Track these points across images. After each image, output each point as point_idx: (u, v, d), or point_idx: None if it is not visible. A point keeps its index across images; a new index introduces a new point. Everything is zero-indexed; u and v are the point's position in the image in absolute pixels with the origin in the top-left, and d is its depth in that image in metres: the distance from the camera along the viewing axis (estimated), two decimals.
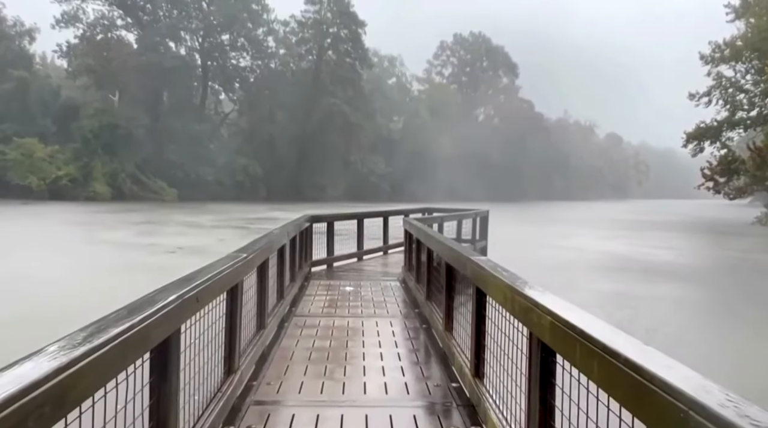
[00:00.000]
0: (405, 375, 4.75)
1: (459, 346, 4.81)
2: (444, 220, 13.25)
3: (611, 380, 1.89)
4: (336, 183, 74.03)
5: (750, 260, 24.27)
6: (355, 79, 78.69)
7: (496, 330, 3.71)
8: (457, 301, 5.28)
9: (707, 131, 49.03)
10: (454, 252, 5.13)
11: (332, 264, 11.52)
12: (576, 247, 26.55)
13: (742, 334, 11.60)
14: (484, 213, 16.40)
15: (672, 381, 1.53)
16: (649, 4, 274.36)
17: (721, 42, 47.99)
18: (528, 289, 2.98)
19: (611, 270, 20.00)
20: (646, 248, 26.81)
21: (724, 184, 42.28)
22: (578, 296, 12.24)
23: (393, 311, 7.43)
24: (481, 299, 4.08)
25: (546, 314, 2.56)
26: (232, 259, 3.92)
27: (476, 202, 47.29)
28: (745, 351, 10.23)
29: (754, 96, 47.37)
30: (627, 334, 2.03)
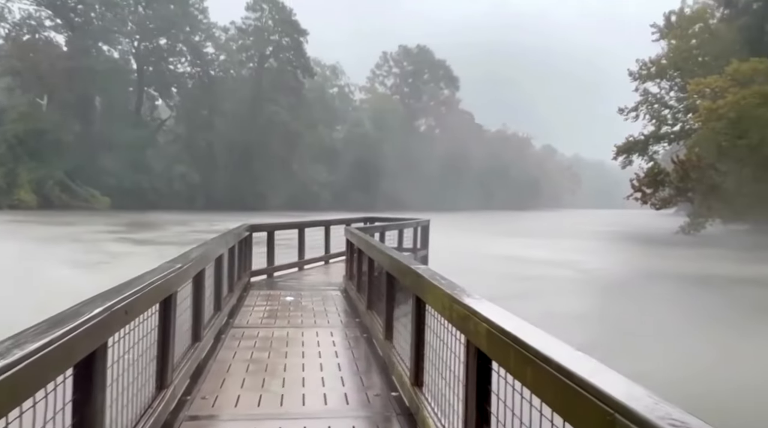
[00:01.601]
0: (345, 385, 4.71)
1: (399, 355, 4.82)
2: (386, 229, 13.30)
3: (543, 385, 1.93)
4: (277, 192, 73.13)
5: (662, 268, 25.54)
6: (297, 87, 78.25)
7: (435, 339, 3.73)
8: (398, 310, 5.30)
9: (635, 144, 51.50)
10: (395, 261, 5.14)
11: (273, 274, 11.34)
12: (515, 256, 27.31)
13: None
14: (425, 223, 16.57)
15: (600, 386, 1.57)
16: (590, 23, 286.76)
17: (647, 60, 50.67)
18: (465, 297, 3.01)
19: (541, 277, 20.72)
20: (574, 254, 28.02)
21: (651, 195, 44.35)
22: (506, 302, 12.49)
23: (334, 321, 7.37)
24: (420, 307, 4.10)
25: (482, 321, 2.60)
26: (165, 269, 3.79)
27: (418, 211, 47.75)
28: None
29: (678, 112, 50.13)
30: (559, 340, 2.07)
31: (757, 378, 8.70)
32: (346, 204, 71.48)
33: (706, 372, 9.02)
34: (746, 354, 10.53)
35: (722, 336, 11.97)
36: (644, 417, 1.37)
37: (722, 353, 10.48)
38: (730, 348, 10.98)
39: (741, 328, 12.70)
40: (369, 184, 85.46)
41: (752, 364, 9.54)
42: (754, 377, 8.76)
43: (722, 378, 8.61)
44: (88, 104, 66.27)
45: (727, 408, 6.91)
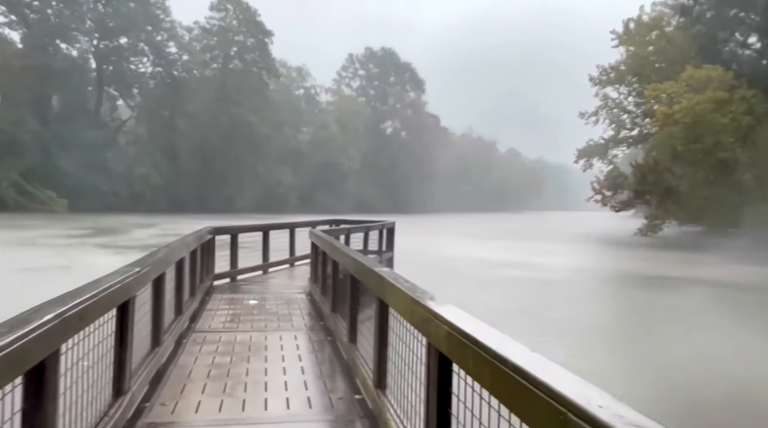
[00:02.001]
0: (308, 389, 4.69)
1: (363, 358, 4.82)
2: (351, 232, 13.27)
3: (500, 385, 1.96)
4: (243, 194, 72.29)
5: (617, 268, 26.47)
6: (262, 89, 77.55)
7: (398, 341, 3.75)
8: (362, 313, 5.30)
9: (596, 148, 52.84)
10: (359, 264, 5.15)
11: (236, 278, 11.19)
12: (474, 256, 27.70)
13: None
14: (390, 225, 16.60)
15: (553, 385, 1.60)
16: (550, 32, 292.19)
17: (607, 66, 51.93)
18: (427, 300, 3.03)
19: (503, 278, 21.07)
20: (535, 256, 28.67)
21: (610, 197, 45.50)
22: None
23: (298, 325, 7.33)
24: (383, 310, 4.11)
25: (443, 323, 2.62)
26: (123, 273, 3.70)
27: (384, 214, 47.81)
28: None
29: (636, 117, 51.51)
30: (516, 341, 2.11)
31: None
32: (312, 206, 71.12)
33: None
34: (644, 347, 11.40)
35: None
36: (594, 415, 1.41)
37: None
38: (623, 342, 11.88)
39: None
40: (335, 186, 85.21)
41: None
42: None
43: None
44: (44, 103, 64.25)
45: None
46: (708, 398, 8.38)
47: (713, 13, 44.28)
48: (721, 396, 8.36)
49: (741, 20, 43.54)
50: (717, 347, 10.91)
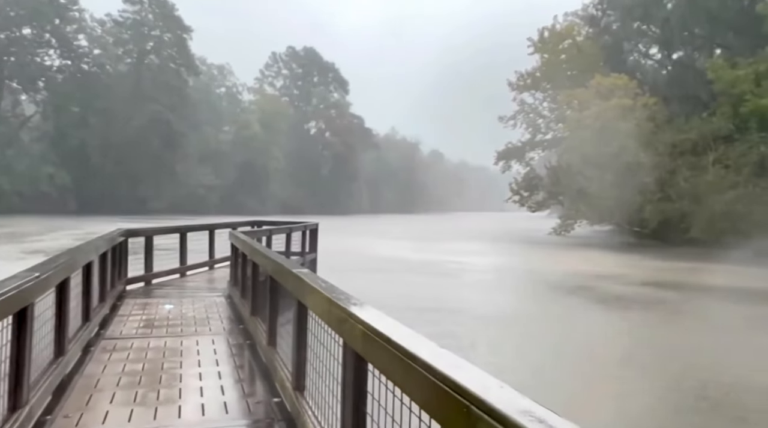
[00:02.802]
0: (225, 394, 4.58)
1: (282, 360, 4.77)
2: (273, 233, 13.07)
3: (411, 382, 2.00)
4: (160, 195, 69.52)
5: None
6: (181, 86, 74.92)
7: (316, 342, 3.74)
8: (282, 315, 5.24)
9: (513, 151, 54.90)
10: (278, 265, 5.08)
11: (151, 281, 10.75)
12: (398, 257, 28.10)
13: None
14: (313, 226, 16.48)
15: (458, 379, 1.66)
16: (476, 34, 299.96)
17: (524, 72, 54.10)
18: (344, 300, 3.04)
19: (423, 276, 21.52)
20: (455, 256, 29.54)
21: (527, 198, 47.43)
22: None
23: (216, 329, 7.14)
24: (302, 311, 4.08)
25: (358, 323, 2.64)
26: (21, 279, 3.47)
27: (309, 215, 47.46)
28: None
29: (550, 121, 54.01)
30: (426, 338, 2.16)
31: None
32: (234, 208, 69.47)
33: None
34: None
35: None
36: (494, 406, 1.47)
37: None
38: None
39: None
40: (258, 187, 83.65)
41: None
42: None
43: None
44: None
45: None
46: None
47: (619, 24, 47.14)
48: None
49: (643, 32, 46.60)
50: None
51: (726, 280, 21.89)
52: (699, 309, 17.11)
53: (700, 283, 21.71)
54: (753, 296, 18.71)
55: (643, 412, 8.13)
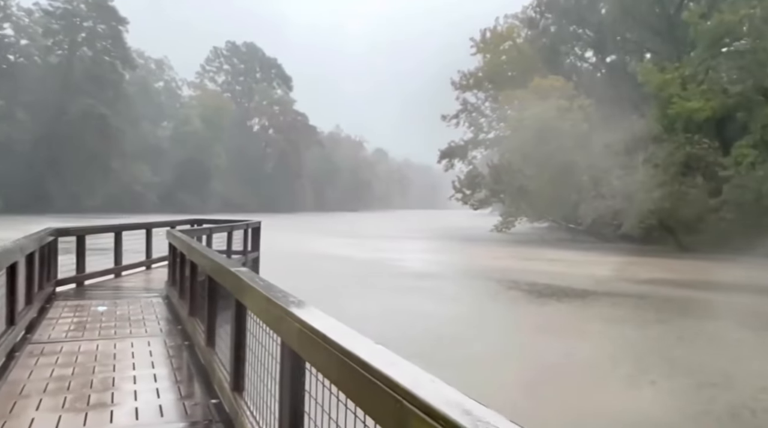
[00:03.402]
0: (161, 396, 4.46)
1: (220, 361, 4.68)
2: (213, 232, 12.77)
3: (346, 379, 2.01)
4: (94, 192, 66.75)
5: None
6: (116, 79, 72.19)
7: (255, 342, 3.69)
8: (221, 315, 5.15)
9: (456, 149, 55.66)
10: (216, 264, 4.98)
11: (84, 282, 10.31)
12: (341, 255, 28.13)
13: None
14: (255, 224, 16.22)
15: (391, 375, 1.68)
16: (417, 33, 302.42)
17: (466, 72, 54.97)
18: (281, 298, 3.01)
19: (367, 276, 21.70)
20: (399, 254, 29.89)
21: (470, 196, 48.28)
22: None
23: (153, 330, 6.92)
24: (240, 310, 4.02)
25: (295, 322, 2.62)
26: None
27: (252, 213, 46.89)
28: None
29: (492, 120, 55.09)
30: (362, 335, 2.18)
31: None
32: (174, 206, 67.58)
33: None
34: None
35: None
36: (425, 400, 1.49)
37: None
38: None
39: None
40: (199, 185, 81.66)
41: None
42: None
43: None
44: None
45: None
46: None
47: (556, 27, 48.65)
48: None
49: (579, 36, 48.28)
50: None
51: (629, 272, 23.97)
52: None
53: (593, 274, 23.29)
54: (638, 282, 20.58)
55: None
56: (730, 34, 35.76)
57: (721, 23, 34.05)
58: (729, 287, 20.08)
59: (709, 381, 9.44)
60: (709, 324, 14.43)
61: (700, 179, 33.54)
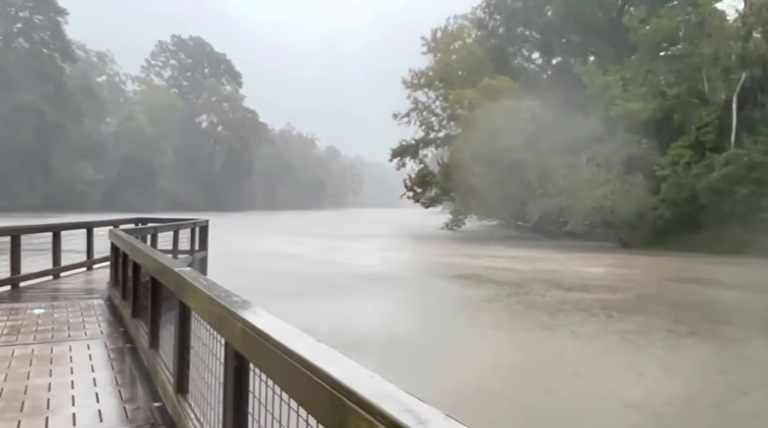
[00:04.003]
0: (100, 401, 4.31)
1: (164, 363, 4.58)
2: (158, 231, 12.44)
3: (289, 378, 2.00)
4: (32, 191, 63.95)
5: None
6: (55, 73, 69.37)
7: (199, 343, 3.62)
8: (164, 316, 5.03)
9: (408, 148, 55.98)
10: (159, 264, 4.86)
11: (18, 284, 9.85)
12: (290, 254, 27.94)
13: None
14: (203, 223, 15.90)
15: (331, 373, 1.68)
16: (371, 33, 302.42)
17: (417, 70, 55.32)
18: (225, 298, 2.97)
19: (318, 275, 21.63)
20: (350, 254, 30.00)
21: (421, 194, 48.67)
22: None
23: (93, 333, 6.69)
24: (184, 311, 3.94)
25: (238, 321, 2.59)
26: None
27: (200, 212, 45.97)
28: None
29: (443, 119, 55.62)
30: (305, 334, 2.17)
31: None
32: (118, 205, 65.41)
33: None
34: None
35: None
36: (364, 397, 1.50)
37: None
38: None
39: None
40: (145, 183, 79.35)
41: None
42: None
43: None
44: None
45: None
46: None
47: (504, 29, 49.59)
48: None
49: (526, 38, 49.40)
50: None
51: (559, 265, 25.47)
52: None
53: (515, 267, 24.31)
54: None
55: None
56: (668, 39, 37.37)
57: (659, 28, 35.51)
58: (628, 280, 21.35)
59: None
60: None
61: (640, 177, 34.84)
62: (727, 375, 9.69)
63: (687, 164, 33.21)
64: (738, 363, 10.59)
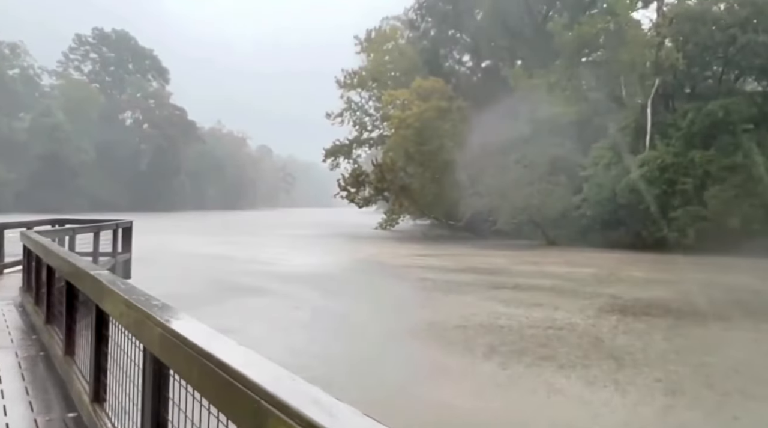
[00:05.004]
0: (8, 414, 4.05)
1: (80, 371, 4.36)
2: (77, 232, 11.86)
3: (207, 382, 1.94)
4: None
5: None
6: None
7: (116, 349, 3.47)
8: (81, 322, 4.78)
9: (341, 147, 55.91)
10: (74, 267, 4.61)
11: None
12: (220, 255, 27.31)
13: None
14: (126, 224, 15.25)
15: (249, 375, 1.64)
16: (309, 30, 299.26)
17: (351, 71, 55.32)
18: (143, 302, 2.85)
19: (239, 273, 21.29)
20: (278, 253, 29.69)
21: (355, 194, 48.65)
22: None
23: (2, 342, 6.27)
24: (100, 316, 3.77)
25: (156, 325, 2.50)
26: None
27: (125, 212, 44.13)
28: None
29: (376, 120, 55.90)
30: (224, 337, 2.11)
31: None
32: (33, 205, 61.68)
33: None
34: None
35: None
36: (282, 400, 1.47)
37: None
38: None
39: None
40: (63, 182, 75.32)
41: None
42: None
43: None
44: None
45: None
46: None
47: (436, 31, 50.38)
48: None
49: (457, 40, 50.39)
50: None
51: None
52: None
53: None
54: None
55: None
56: (589, 46, 39.12)
57: (581, 35, 37.13)
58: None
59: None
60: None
61: (564, 178, 36.29)
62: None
63: (607, 165, 34.88)
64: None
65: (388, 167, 43.96)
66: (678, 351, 11.07)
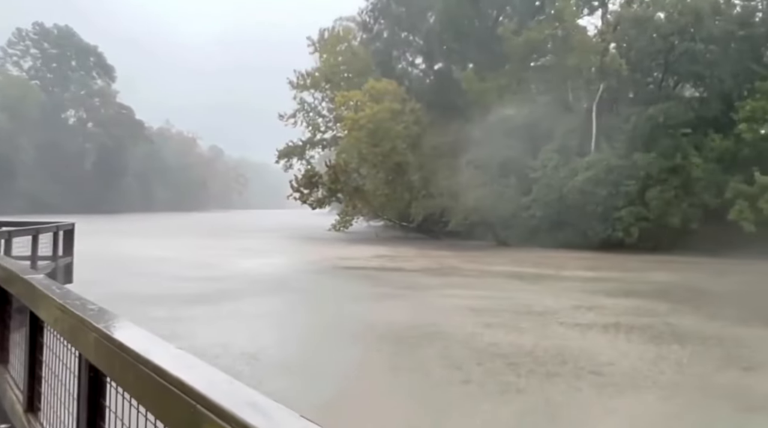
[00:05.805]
0: None
1: (13, 380, 4.17)
2: (13, 235, 11.30)
3: (143, 389, 1.89)
4: None
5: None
6: None
7: (52, 356, 3.34)
8: (15, 329, 4.58)
9: (294, 148, 55.44)
10: (5, 271, 4.41)
11: None
12: (163, 258, 26.66)
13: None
14: (68, 226, 14.69)
15: (186, 380, 1.60)
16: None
17: (304, 71, 54.96)
18: (78, 306, 2.75)
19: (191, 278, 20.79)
20: (229, 254, 29.25)
21: (308, 195, 48.33)
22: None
23: None
24: (34, 322, 3.61)
25: (92, 331, 2.42)
26: None
27: (67, 214, 42.35)
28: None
29: (329, 121, 55.71)
30: (163, 341, 2.06)
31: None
32: None
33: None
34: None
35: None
36: (218, 403, 1.44)
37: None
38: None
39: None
40: (0, 183, 71.85)
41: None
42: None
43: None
44: None
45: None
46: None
47: (389, 32, 50.63)
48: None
49: (410, 43, 50.74)
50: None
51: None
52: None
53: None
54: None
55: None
56: (537, 51, 40.11)
57: (529, 40, 38.07)
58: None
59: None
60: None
61: (514, 179, 37.06)
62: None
63: (555, 167, 35.84)
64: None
65: (341, 168, 43.89)
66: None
